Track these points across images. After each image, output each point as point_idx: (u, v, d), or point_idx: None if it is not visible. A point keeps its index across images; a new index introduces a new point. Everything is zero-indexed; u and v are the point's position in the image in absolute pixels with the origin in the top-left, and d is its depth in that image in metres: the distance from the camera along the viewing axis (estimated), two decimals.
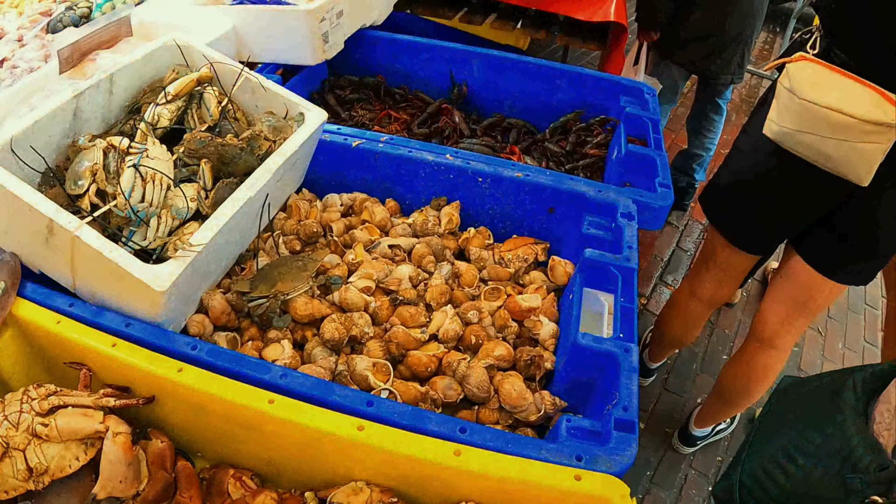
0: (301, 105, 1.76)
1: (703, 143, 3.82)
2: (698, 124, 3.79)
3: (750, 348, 2.44)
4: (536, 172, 1.83)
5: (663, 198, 1.85)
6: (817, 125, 1.73)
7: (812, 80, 1.73)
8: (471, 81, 2.58)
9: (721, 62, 3.35)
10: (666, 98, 3.62)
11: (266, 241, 1.75)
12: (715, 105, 3.67)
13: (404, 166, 1.88)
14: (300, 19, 2.14)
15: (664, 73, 3.53)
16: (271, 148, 1.65)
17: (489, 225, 1.93)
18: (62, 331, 1.36)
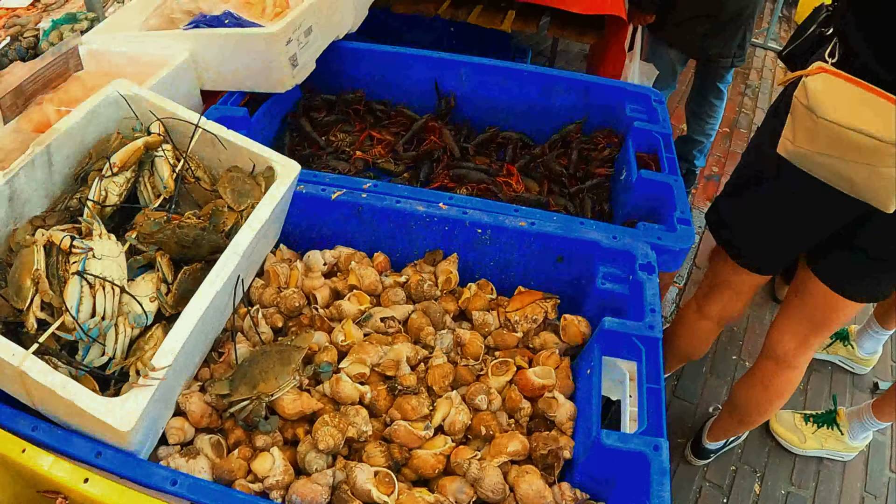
0: (269, 158, 1.54)
1: (704, 128, 3.62)
2: (698, 108, 3.58)
3: (765, 367, 2.31)
4: (542, 220, 1.63)
5: (684, 238, 1.66)
6: (839, 147, 1.56)
7: (834, 97, 1.54)
8: (459, 91, 2.35)
9: (720, 44, 3.13)
10: (664, 83, 3.39)
11: (244, 318, 1.55)
12: (715, 89, 3.46)
13: (392, 219, 1.67)
14: (263, 43, 1.89)
15: (660, 57, 3.30)
16: (238, 221, 1.44)
17: (491, 277, 1.73)
18: (28, 461, 1.16)
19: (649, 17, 3.15)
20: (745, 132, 4.67)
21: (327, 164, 2.16)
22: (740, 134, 4.65)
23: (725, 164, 4.37)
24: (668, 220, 1.74)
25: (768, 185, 1.86)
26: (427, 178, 2.19)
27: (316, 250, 1.76)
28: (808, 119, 1.58)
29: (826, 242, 1.91)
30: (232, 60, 1.97)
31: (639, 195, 1.87)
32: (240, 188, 1.48)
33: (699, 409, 3.07)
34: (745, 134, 4.65)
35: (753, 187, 1.94)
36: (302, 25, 1.97)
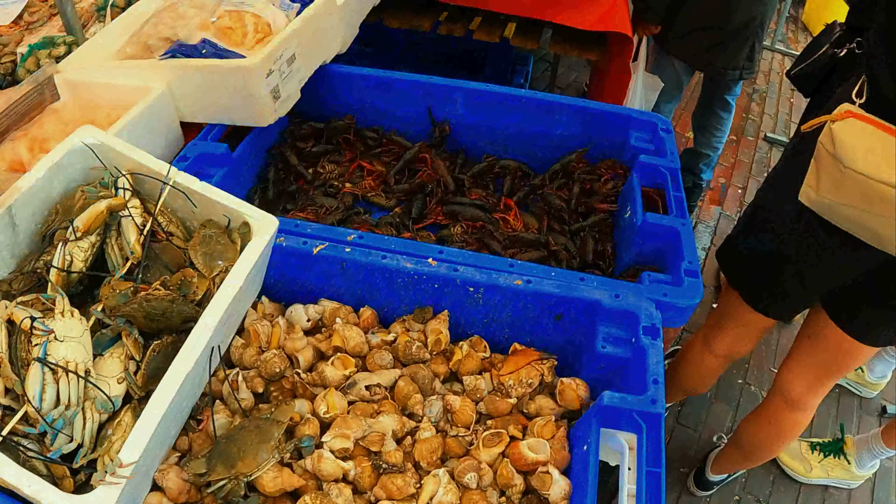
0: (244, 213, 1.44)
1: (711, 141, 3.50)
2: (705, 121, 3.46)
3: (774, 407, 2.23)
4: (539, 277, 1.53)
5: (691, 293, 1.56)
6: (868, 200, 1.45)
7: (863, 146, 1.43)
8: (455, 118, 2.24)
9: (727, 56, 3.01)
10: (669, 95, 3.28)
11: (223, 382, 1.46)
12: (722, 101, 3.34)
13: (378, 275, 1.57)
14: (240, 76, 1.78)
15: (666, 69, 3.18)
16: (210, 288, 1.34)
17: (485, 332, 1.63)
18: None
19: (654, 28, 3.03)
20: (752, 140, 4.55)
21: (313, 200, 2.06)
22: (747, 142, 4.52)
23: (732, 173, 4.25)
24: (674, 269, 1.64)
25: (786, 229, 1.76)
26: (420, 214, 2.09)
27: (299, 304, 1.65)
28: (833, 168, 1.47)
29: (845, 288, 1.81)
30: (210, 93, 1.86)
31: (644, 239, 1.77)
32: (212, 250, 1.38)
33: (703, 437, 2.99)
34: (752, 142, 4.53)
35: (770, 230, 1.83)
36: (283, 55, 1.86)
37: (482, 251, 1.96)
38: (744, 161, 4.36)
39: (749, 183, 4.20)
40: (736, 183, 4.20)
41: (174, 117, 1.93)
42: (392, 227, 1.99)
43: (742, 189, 4.15)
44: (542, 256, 1.95)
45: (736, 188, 4.16)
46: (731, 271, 2.04)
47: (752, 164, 4.35)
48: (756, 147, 4.51)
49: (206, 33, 1.94)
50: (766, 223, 1.85)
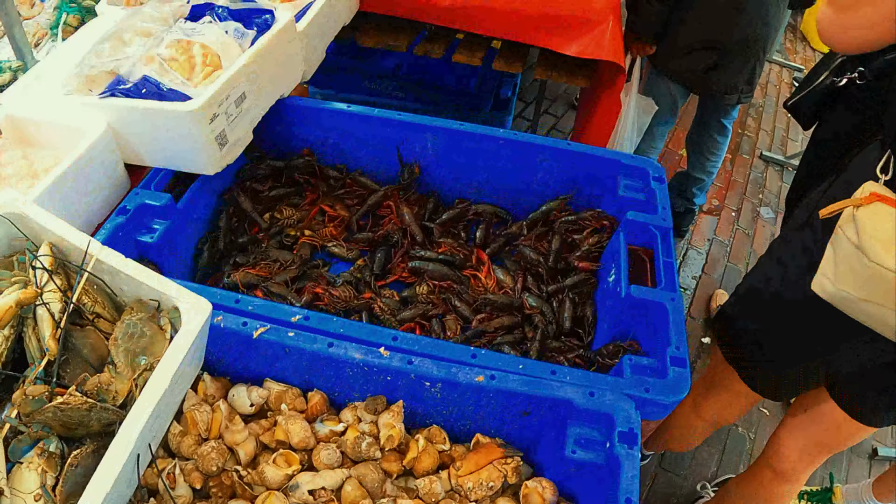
0: (172, 297, 1.25)
1: (705, 165, 3.31)
2: (700, 144, 3.27)
3: (762, 476, 2.07)
4: (505, 372, 1.34)
5: (678, 388, 1.38)
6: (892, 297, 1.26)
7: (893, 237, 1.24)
8: (426, 159, 2.04)
9: (725, 78, 2.81)
10: (663, 118, 3.09)
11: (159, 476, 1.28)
12: (719, 125, 3.15)
13: (324, 364, 1.38)
14: (180, 122, 1.59)
15: (659, 89, 2.99)
16: (133, 391, 1.16)
17: (444, 423, 1.45)
18: None
19: (649, 49, 2.84)
20: (748, 158, 4.36)
21: (266, 254, 1.86)
22: (742, 160, 4.33)
23: (726, 195, 4.07)
24: (659, 354, 1.46)
25: (792, 313, 1.58)
26: (383, 269, 1.90)
27: (242, 386, 1.47)
28: (856, 261, 1.28)
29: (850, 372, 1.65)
30: (151, 138, 1.67)
31: (628, 312, 1.59)
32: (135, 345, 1.20)
33: (687, 482, 2.82)
34: (747, 160, 4.34)
35: (773, 311, 1.66)
36: (231, 95, 1.66)
37: (448, 316, 1.78)
38: (738, 181, 4.18)
39: (743, 205, 4.02)
40: (730, 205, 4.02)
41: (117, 160, 1.74)
42: (351, 286, 1.80)
43: (736, 212, 3.97)
44: (514, 322, 1.77)
45: (730, 210, 3.98)
46: (726, 346, 1.87)
47: (748, 184, 4.17)
48: (752, 166, 4.32)
49: (150, 67, 1.73)
50: (768, 299, 1.67)
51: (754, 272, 1.78)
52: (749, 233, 3.87)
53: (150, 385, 1.13)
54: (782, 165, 4.36)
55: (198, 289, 1.46)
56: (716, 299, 3.38)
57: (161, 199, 1.69)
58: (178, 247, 1.80)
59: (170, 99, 1.66)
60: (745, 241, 3.81)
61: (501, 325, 1.74)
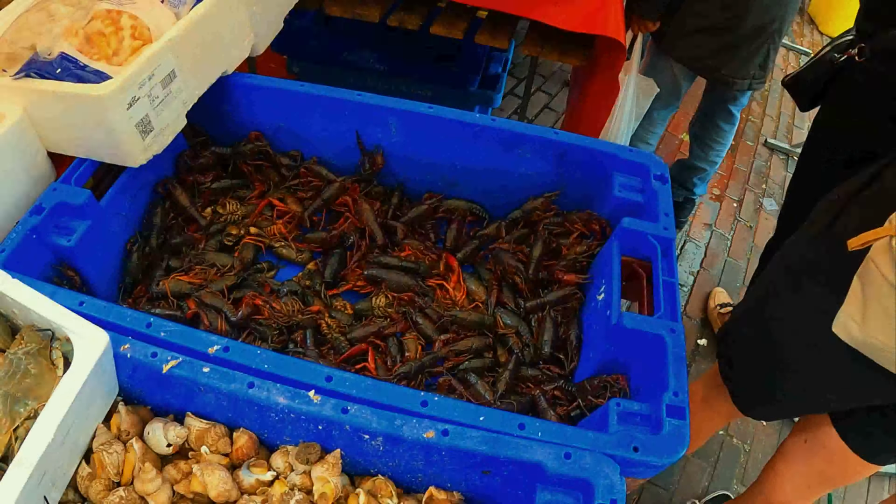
0: (63, 326, 1.02)
1: (708, 155, 3.04)
2: (703, 132, 3.00)
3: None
4: (461, 425, 1.09)
5: (673, 446, 1.13)
6: None
7: None
8: (391, 146, 1.77)
9: (737, 63, 2.52)
10: (664, 102, 2.80)
11: None
12: (726, 112, 2.87)
13: (246, 406, 1.13)
14: (94, 108, 1.32)
15: (662, 71, 2.70)
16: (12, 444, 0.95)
17: (393, 475, 1.20)
18: None
19: (651, 25, 2.55)
20: (752, 145, 4.09)
21: (203, 258, 1.60)
22: (746, 147, 4.06)
23: (728, 183, 3.80)
24: (654, 399, 1.21)
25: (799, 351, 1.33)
26: (335, 277, 1.64)
27: (159, 422, 1.22)
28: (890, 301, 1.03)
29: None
30: (65, 124, 1.40)
31: (619, 343, 1.34)
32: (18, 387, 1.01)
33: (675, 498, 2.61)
34: (750, 148, 4.07)
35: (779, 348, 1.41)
36: (155, 74, 1.39)
37: (408, 335, 1.52)
38: (741, 170, 3.91)
39: (746, 195, 3.76)
40: (731, 195, 3.75)
41: (38, 149, 1.47)
42: (297, 297, 1.54)
43: (738, 203, 3.71)
44: (485, 344, 1.52)
45: (731, 201, 3.72)
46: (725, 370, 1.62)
47: (751, 173, 3.90)
48: (755, 153, 4.05)
49: (72, 42, 1.46)
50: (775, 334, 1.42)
51: (761, 284, 1.52)
52: (751, 225, 3.62)
53: (31, 438, 0.97)
54: (787, 154, 4.10)
55: (104, 309, 1.22)
56: (714, 298, 3.13)
57: (80, 197, 1.42)
58: (103, 250, 1.54)
59: (89, 80, 1.40)
60: (747, 234, 3.56)
61: (469, 348, 1.49)
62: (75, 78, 1.41)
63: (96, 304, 1.23)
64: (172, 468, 1.22)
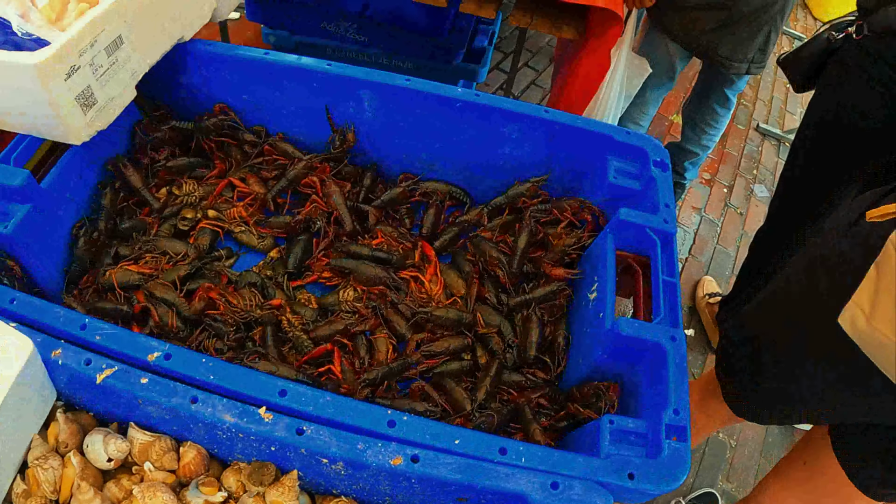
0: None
1: (701, 138, 2.91)
2: (698, 115, 2.87)
3: None
4: (434, 451, 0.95)
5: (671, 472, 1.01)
6: None
7: None
8: (363, 122, 1.61)
9: (735, 43, 2.38)
10: (658, 81, 2.66)
11: None
12: (722, 96, 2.74)
13: (191, 423, 0.98)
14: (25, 79, 1.14)
15: (657, 49, 2.55)
16: None
17: (359, 497, 1.06)
18: None
19: (648, 0, 2.39)
20: (743, 129, 3.96)
21: (154, 245, 1.43)
22: (737, 132, 3.93)
23: (718, 168, 3.68)
24: (652, 416, 1.08)
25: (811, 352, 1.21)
26: (299, 266, 1.48)
27: (98, 433, 1.08)
28: None
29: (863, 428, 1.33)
30: (4, 97, 1.23)
31: (612, 350, 1.20)
32: None
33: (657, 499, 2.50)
34: (742, 132, 3.94)
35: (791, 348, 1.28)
36: (99, 41, 1.22)
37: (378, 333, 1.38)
38: (732, 154, 3.79)
39: (736, 180, 3.64)
40: (721, 179, 3.63)
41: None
42: (257, 290, 1.39)
43: (728, 188, 3.59)
44: (463, 345, 1.37)
45: (721, 186, 3.60)
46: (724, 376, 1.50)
47: (742, 158, 3.78)
48: (747, 138, 3.93)
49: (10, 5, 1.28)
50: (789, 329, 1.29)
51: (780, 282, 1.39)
52: (741, 212, 3.50)
53: None
54: (779, 140, 3.98)
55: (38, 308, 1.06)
56: (703, 287, 3.02)
57: (16, 177, 1.25)
58: (46, 237, 1.37)
59: (27, 48, 1.24)
60: (737, 220, 3.45)
61: (446, 349, 1.35)
62: (12, 45, 1.25)
63: (29, 302, 1.08)
64: (114, 485, 1.08)
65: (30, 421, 1.05)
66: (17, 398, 0.94)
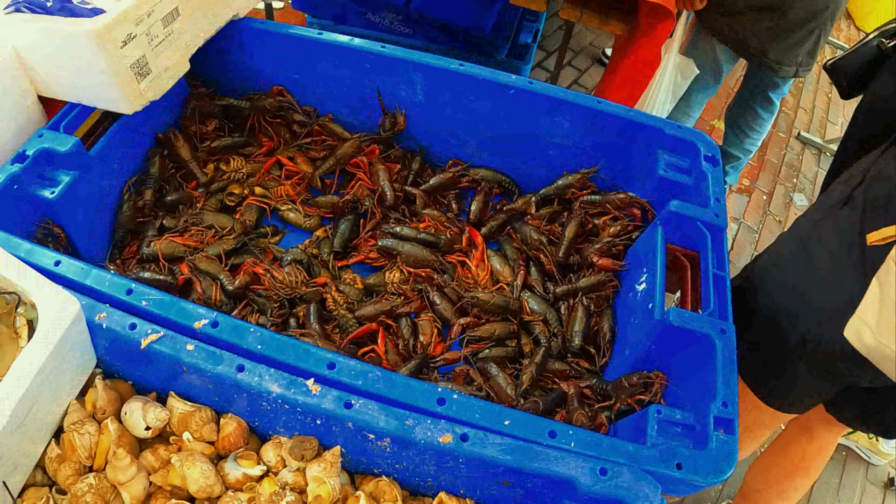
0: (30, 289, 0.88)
1: (743, 142, 2.88)
2: (741, 118, 2.83)
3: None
4: (483, 430, 0.94)
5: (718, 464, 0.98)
6: None
7: None
8: (413, 106, 1.61)
9: (784, 47, 2.34)
10: (703, 83, 2.62)
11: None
12: (766, 99, 2.70)
13: (235, 391, 0.98)
14: (83, 45, 1.16)
15: (704, 51, 2.52)
16: None
17: (399, 476, 1.05)
18: None
19: (698, 2, 2.36)
20: (784, 137, 3.90)
21: (200, 218, 1.44)
22: (778, 139, 3.87)
23: (758, 175, 3.62)
24: (699, 408, 1.06)
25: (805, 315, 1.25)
26: (345, 246, 1.48)
27: (138, 401, 1.07)
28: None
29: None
30: (59, 65, 1.24)
31: (659, 340, 1.18)
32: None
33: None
34: (783, 139, 3.88)
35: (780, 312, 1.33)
36: (155, 11, 1.23)
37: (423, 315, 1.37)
38: (773, 161, 3.73)
39: (776, 188, 3.59)
40: (761, 186, 3.58)
41: (28, 91, 1.32)
42: (302, 267, 1.39)
43: (767, 195, 3.54)
44: (509, 331, 1.36)
45: (760, 193, 3.54)
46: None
47: (782, 166, 3.72)
48: (787, 146, 3.87)
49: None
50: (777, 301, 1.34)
51: (769, 254, 1.42)
52: (780, 219, 3.45)
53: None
54: (819, 149, 3.92)
55: (82, 271, 1.06)
56: None
57: (66, 144, 1.26)
58: (91, 205, 1.38)
59: (83, 16, 1.24)
60: (776, 228, 3.39)
61: (491, 335, 1.33)
62: (69, 13, 1.26)
63: (74, 265, 1.07)
64: (151, 454, 1.07)
65: (68, 384, 1.04)
66: (59, 358, 0.94)
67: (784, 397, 1.46)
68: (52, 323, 0.91)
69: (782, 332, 1.32)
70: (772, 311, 1.36)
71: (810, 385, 1.37)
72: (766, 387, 1.46)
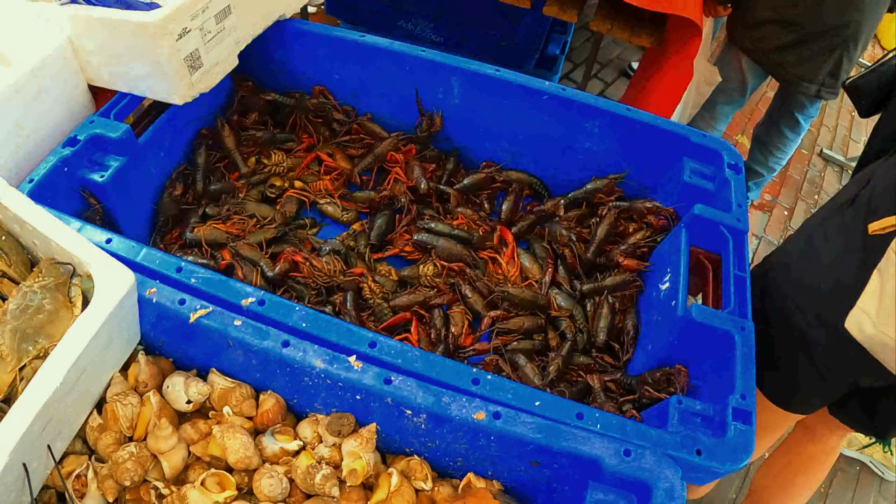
0: (86, 260, 0.94)
1: (768, 160, 2.91)
2: (767, 136, 2.87)
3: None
4: (515, 409, 0.99)
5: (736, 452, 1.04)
6: None
7: None
8: (450, 108, 1.67)
9: (804, 62, 2.37)
10: (729, 96, 2.67)
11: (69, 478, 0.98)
12: (792, 119, 2.74)
13: (278, 367, 1.04)
14: (140, 37, 1.23)
15: (730, 64, 2.57)
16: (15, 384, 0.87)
17: (429, 455, 1.11)
18: None
19: (722, 10, 2.41)
20: (807, 154, 3.93)
21: (243, 207, 1.51)
22: (801, 156, 3.90)
23: (780, 190, 3.65)
24: (718, 400, 1.11)
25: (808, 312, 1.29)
26: (381, 239, 1.54)
27: (180, 376, 1.13)
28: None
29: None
30: (113, 55, 1.32)
31: (681, 337, 1.23)
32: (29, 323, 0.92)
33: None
34: (805, 156, 3.91)
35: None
36: (210, 7, 1.30)
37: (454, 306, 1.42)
38: (794, 177, 3.76)
39: (797, 204, 3.61)
40: (783, 202, 3.60)
41: (79, 80, 1.39)
42: (340, 257, 1.45)
43: (789, 210, 3.56)
44: (536, 325, 1.41)
45: (782, 208, 3.57)
46: None
47: (804, 182, 3.75)
48: (810, 163, 3.89)
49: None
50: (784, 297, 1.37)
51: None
52: None
53: (38, 380, 0.86)
54: (841, 167, 3.94)
55: (133, 249, 1.12)
56: None
57: (117, 130, 1.33)
58: (138, 190, 1.45)
59: (139, 8, 1.32)
60: None
61: (520, 328, 1.39)
62: (124, 5, 1.33)
63: (125, 242, 1.14)
64: (190, 427, 1.12)
65: (114, 357, 1.09)
66: (110, 328, 0.97)
67: (790, 396, 1.50)
68: (107, 293, 0.94)
69: (787, 328, 1.36)
70: (778, 308, 1.39)
71: (814, 383, 1.40)
72: (773, 385, 1.50)
